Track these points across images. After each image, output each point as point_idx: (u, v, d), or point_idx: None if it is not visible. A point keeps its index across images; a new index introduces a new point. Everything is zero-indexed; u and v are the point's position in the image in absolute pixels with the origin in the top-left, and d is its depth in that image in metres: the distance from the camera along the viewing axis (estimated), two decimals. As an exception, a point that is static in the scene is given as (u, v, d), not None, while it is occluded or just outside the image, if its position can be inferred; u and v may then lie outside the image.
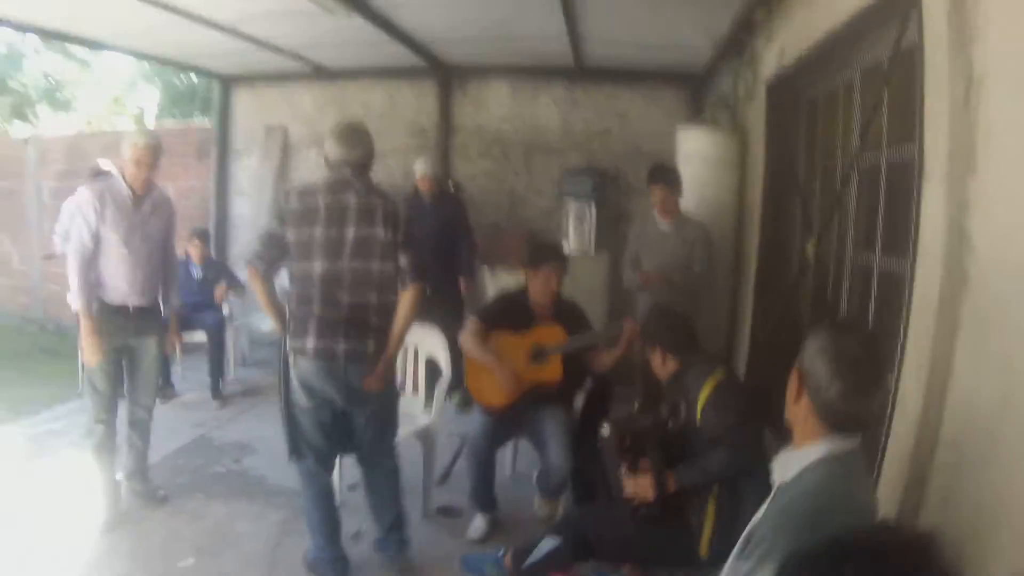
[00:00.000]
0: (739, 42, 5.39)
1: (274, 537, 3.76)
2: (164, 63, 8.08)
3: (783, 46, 4.12)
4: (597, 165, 7.23)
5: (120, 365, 3.88)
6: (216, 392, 5.93)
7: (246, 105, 8.04)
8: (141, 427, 4.03)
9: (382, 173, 7.29)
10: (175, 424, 5.19)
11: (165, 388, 5.68)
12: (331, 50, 6.72)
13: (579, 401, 4.06)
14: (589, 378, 4.06)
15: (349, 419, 3.32)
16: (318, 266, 3.07)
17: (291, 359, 3.16)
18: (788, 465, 1.77)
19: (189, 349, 6.14)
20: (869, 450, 2.51)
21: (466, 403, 5.30)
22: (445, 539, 3.86)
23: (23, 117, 14.11)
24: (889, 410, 2.47)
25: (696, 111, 6.98)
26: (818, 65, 3.88)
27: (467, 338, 3.83)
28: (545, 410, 3.83)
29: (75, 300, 3.68)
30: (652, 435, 3.04)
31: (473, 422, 3.92)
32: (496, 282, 6.62)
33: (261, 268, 3.15)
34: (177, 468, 4.56)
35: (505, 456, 4.50)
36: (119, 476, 3.97)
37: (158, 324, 3.99)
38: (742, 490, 2.85)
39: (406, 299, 3.17)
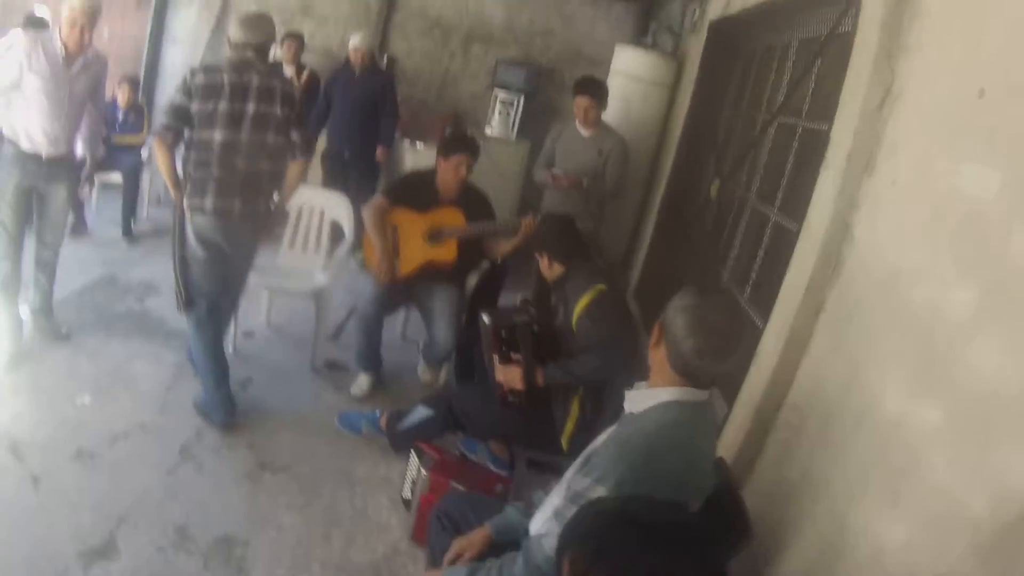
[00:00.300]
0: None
1: (169, 379, 3.88)
2: None
3: None
4: (535, 60, 7.22)
5: (28, 206, 3.85)
6: (127, 231, 5.90)
7: None
8: (47, 266, 4.03)
9: (319, 39, 7.13)
10: (84, 262, 5.12)
11: (77, 225, 5.61)
12: None
13: (472, 282, 4.28)
14: (485, 262, 4.24)
15: (232, 267, 3.66)
16: (218, 135, 3.36)
17: (188, 216, 3.46)
18: (637, 400, 1.91)
19: (106, 188, 6.02)
20: (727, 392, 2.86)
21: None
22: (328, 393, 4.09)
23: None
24: (748, 362, 2.77)
25: (641, 30, 7.03)
26: (760, 20, 4.02)
27: (369, 211, 3.98)
28: (436, 287, 4.02)
29: None
30: (527, 331, 3.23)
31: (365, 287, 4.10)
32: (416, 156, 6.65)
33: (168, 138, 3.40)
34: (82, 305, 4.55)
35: (395, 321, 4.72)
36: (23, 313, 3.98)
37: (70, 172, 3.97)
38: (605, 398, 3.16)
39: (294, 169, 3.61)
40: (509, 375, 3.21)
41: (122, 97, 6.06)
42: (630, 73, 5.47)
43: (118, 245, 5.76)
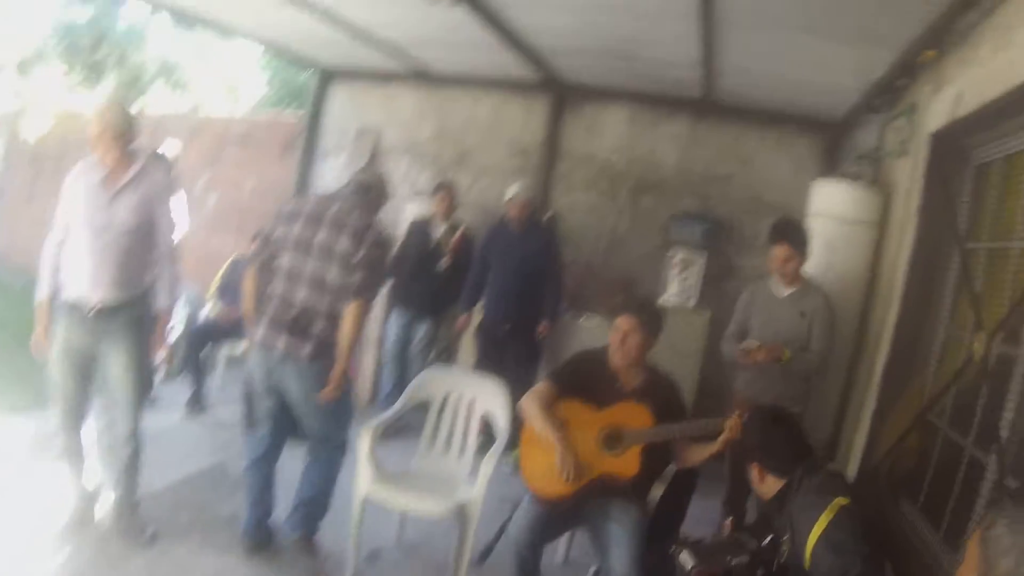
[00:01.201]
0: (894, 89, 4.60)
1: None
2: (270, 48, 7.70)
3: (961, 91, 3.29)
4: (712, 212, 6.43)
5: (83, 371, 3.33)
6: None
7: (342, 102, 7.57)
8: (120, 452, 3.43)
9: (475, 193, 6.77)
10: (195, 445, 4.62)
11: (193, 400, 5.31)
12: (437, 50, 6.17)
13: (655, 492, 3.32)
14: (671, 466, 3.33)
15: (298, 416, 3.47)
16: (285, 261, 3.30)
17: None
18: None
19: (234, 361, 5.61)
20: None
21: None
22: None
23: (138, 93, 14.20)
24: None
25: (830, 165, 6.12)
26: (1001, 119, 3.06)
27: (530, 403, 3.23)
28: (612, 505, 3.13)
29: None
30: None
31: (519, 510, 3.23)
32: (581, 331, 5.93)
33: (254, 265, 3.39)
34: (179, 501, 3.93)
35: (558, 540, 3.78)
36: (101, 501, 3.49)
37: (132, 327, 3.33)
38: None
39: (348, 312, 3.27)
40: None
41: None
42: (832, 213, 4.56)
43: (238, 429, 5.18)
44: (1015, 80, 2.79)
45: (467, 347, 5.92)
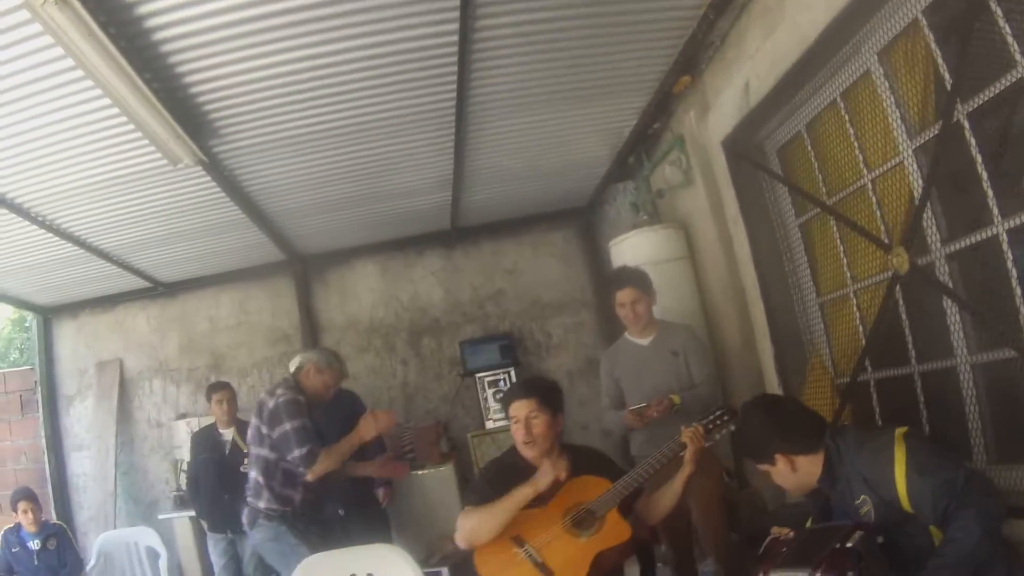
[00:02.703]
0: (648, 139, 4.97)
1: None
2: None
3: (747, 81, 3.51)
4: (497, 329, 6.32)
5: None
6: None
7: (71, 339, 6.44)
8: None
9: (246, 395, 5.94)
10: None
11: None
12: (159, 251, 5.48)
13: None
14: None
15: None
16: None
17: None
18: None
19: None
20: None
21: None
22: None
23: None
24: None
25: (589, 241, 6.46)
26: (788, 97, 3.38)
27: (465, 521, 2.77)
28: None
29: None
30: (874, 547, 2.06)
31: None
32: (425, 484, 5.36)
33: None
34: None
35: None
36: None
37: None
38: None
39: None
40: None
41: (27, 520, 4.80)
42: (644, 260, 4.63)
43: None
44: (791, 57, 3.09)
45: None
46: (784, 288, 3.81)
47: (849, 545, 2.03)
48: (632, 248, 4.78)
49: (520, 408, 2.84)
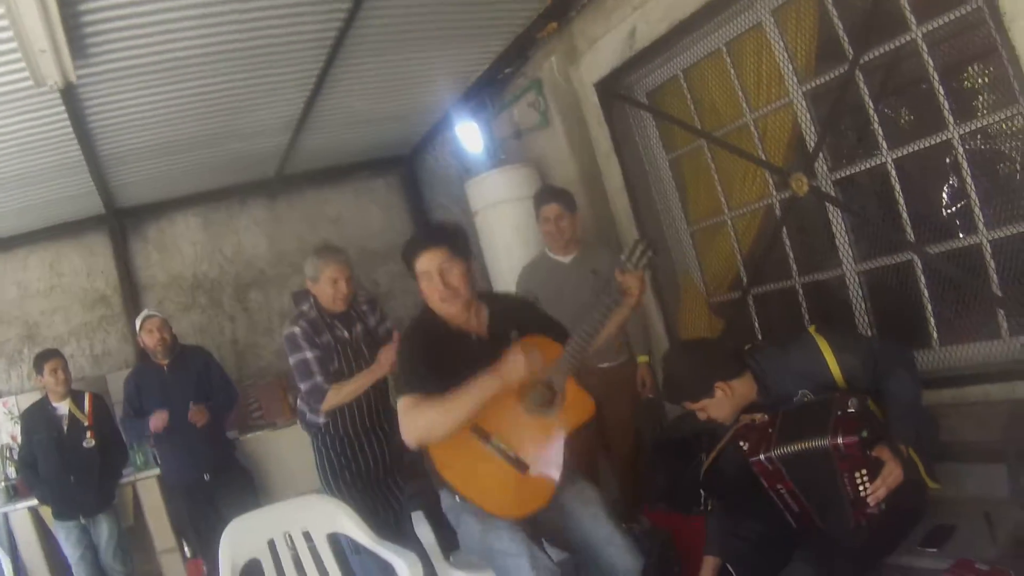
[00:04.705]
0: (498, 81, 5.10)
1: None
2: None
3: (633, 28, 3.78)
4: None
5: None
6: None
7: None
8: None
9: (73, 363, 5.22)
10: None
11: None
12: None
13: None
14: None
15: None
16: None
17: None
18: None
19: None
20: None
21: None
22: None
23: None
24: None
25: (412, 189, 6.50)
26: (674, 44, 3.77)
27: (415, 416, 2.32)
28: (568, 486, 2.45)
29: None
30: (865, 409, 2.35)
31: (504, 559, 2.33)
32: (281, 443, 5.15)
33: None
34: None
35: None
36: None
37: None
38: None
39: None
40: (891, 478, 2.25)
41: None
42: (509, 198, 4.78)
43: None
44: (689, 7, 3.42)
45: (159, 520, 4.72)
46: (655, 217, 4.22)
47: (852, 410, 2.31)
48: (493, 186, 4.88)
49: (430, 260, 2.39)
